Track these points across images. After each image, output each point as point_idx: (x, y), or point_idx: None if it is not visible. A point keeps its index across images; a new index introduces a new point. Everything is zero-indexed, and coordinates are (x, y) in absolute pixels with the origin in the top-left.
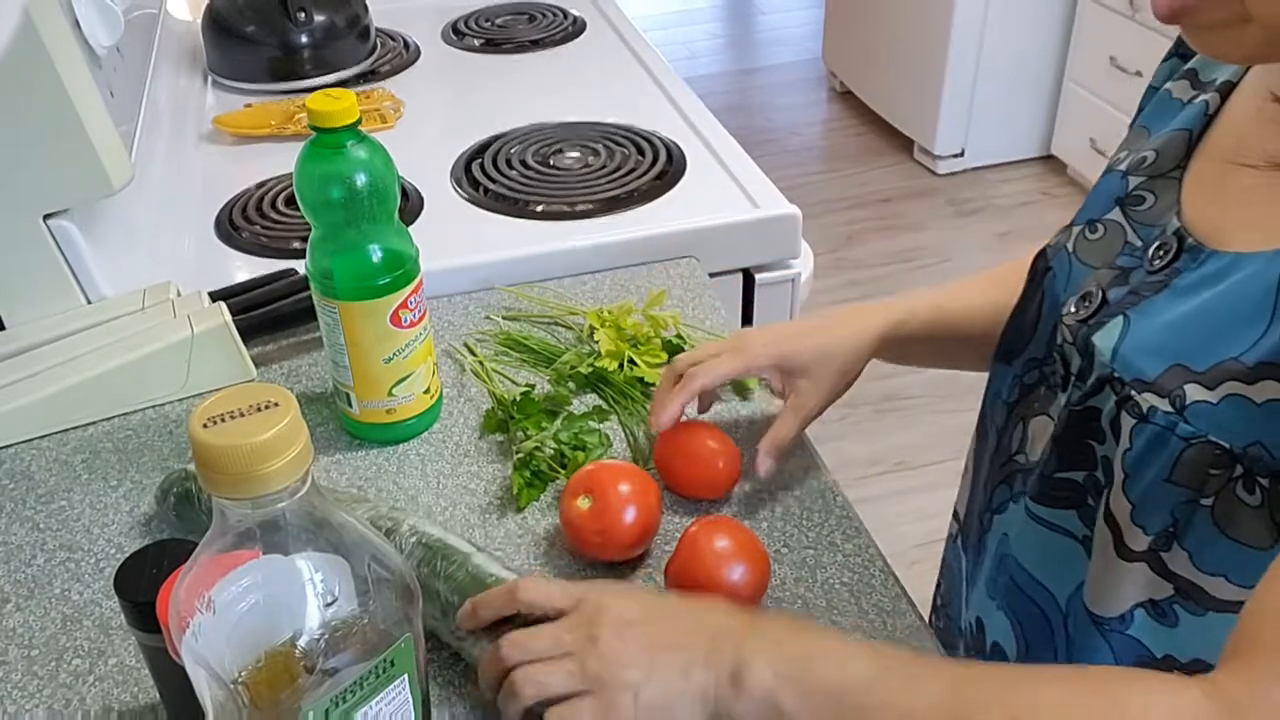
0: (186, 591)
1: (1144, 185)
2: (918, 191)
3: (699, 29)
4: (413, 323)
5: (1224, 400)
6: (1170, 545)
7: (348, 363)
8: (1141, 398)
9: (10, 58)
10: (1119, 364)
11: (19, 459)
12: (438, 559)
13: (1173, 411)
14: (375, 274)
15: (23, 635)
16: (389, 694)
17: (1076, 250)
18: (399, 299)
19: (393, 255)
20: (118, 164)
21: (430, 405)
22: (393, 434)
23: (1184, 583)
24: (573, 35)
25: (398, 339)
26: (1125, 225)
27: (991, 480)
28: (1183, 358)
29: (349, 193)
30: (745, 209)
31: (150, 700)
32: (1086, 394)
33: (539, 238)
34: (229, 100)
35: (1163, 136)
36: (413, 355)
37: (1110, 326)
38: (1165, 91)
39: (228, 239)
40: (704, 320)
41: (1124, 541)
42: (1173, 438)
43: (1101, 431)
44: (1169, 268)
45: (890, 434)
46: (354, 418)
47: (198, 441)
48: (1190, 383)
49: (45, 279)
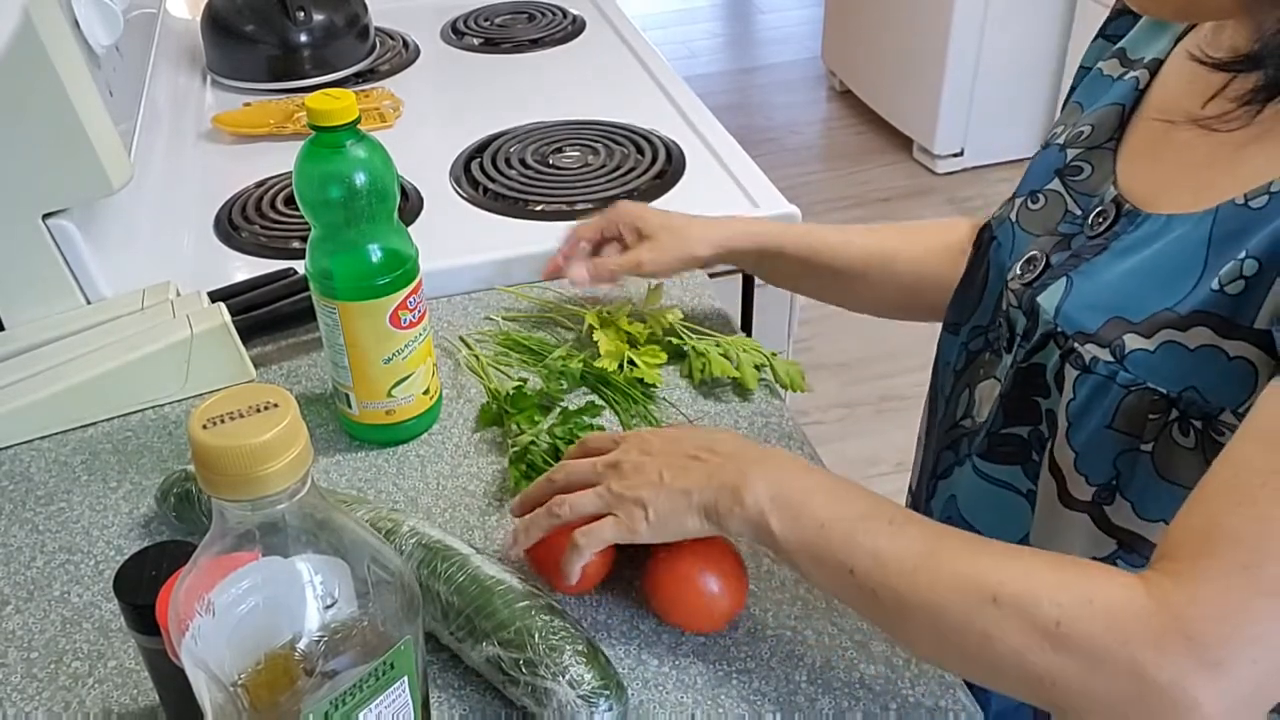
0: (186, 594)
1: (1081, 157)
2: (917, 190)
3: (698, 28)
4: (412, 323)
5: (1160, 348)
6: (1113, 498)
7: (347, 363)
8: (1084, 349)
9: (10, 58)
10: (1061, 320)
11: (18, 460)
12: (437, 560)
13: (1113, 361)
14: (374, 274)
15: (22, 638)
16: (389, 696)
17: (1020, 220)
18: (398, 299)
19: (392, 255)
20: (117, 163)
21: (429, 406)
22: (392, 435)
23: (1126, 535)
24: (572, 35)
25: (397, 340)
26: (1065, 195)
27: (938, 446)
28: (1121, 311)
29: (348, 192)
30: (745, 208)
31: (150, 703)
32: (1031, 351)
33: (539, 238)
34: (228, 99)
35: (1097, 111)
36: (412, 356)
37: (1054, 288)
38: (1096, 70)
39: (227, 239)
40: (704, 320)
41: (1068, 490)
42: (1114, 386)
43: (1046, 386)
44: (1109, 231)
45: (890, 434)
46: (353, 419)
47: (197, 442)
48: (1129, 333)
49: (44, 279)
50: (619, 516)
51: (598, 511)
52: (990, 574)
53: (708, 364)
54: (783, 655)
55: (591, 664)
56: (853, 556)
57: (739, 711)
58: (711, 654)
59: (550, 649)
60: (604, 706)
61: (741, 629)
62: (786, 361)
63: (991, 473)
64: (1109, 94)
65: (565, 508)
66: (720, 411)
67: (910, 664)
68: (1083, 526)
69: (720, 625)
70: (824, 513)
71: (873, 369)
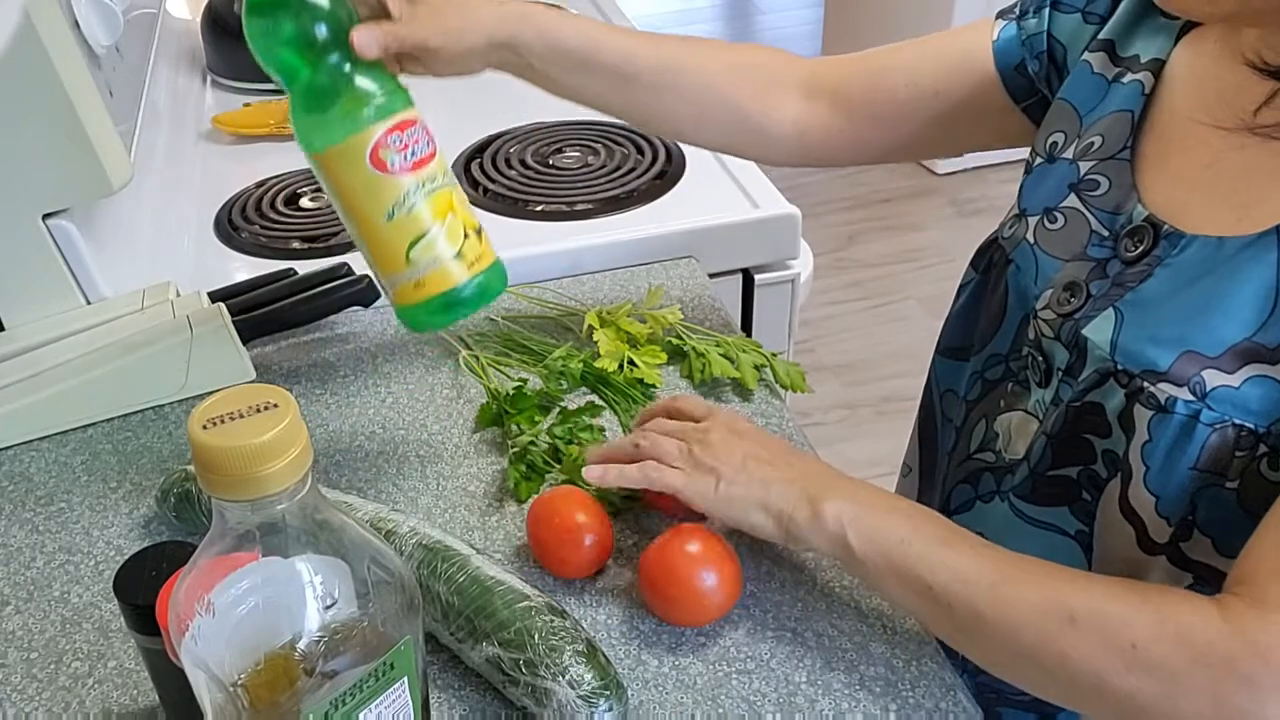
0: (186, 594)
1: (1095, 170)
2: (918, 191)
3: (699, 29)
4: (403, 167)
5: (1246, 383)
6: (1190, 534)
7: (357, 233)
8: (1157, 389)
9: (10, 58)
10: (1121, 356)
11: (18, 461)
12: (438, 561)
13: (1194, 399)
14: (341, 113)
15: (22, 638)
16: (389, 696)
17: (1039, 242)
18: (373, 135)
19: (357, 90)
20: (117, 164)
21: (475, 274)
22: (431, 316)
23: (1204, 569)
24: None
25: (391, 187)
26: (1085, 213)
27: (950, 480)
28: (1191, 344)
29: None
30: (745, 209)
31: (150, 703)
32: (1085, 389)
33: (539, 238)
34: (228, 100)
35: (1104, 119)
36: (421, 209)
37: (1101, 320)
38: (1085, 64)
39: (227, 239)
40: (704, 321)
41: (1149, 535)
42: (1198, 425)
43: (1105, 426)
44: (1148, 255)
45: (892, 435)
46: (397, 305)
47: (197, 443)
48: (1208, 369)
49: (44, 279)
50: (690, 476)
51: (673, 462)
52: (1068, 595)
53: (708, 364)
54: (783, 655)
55: (591, 664)
56: (931, 572)
57: (739, 711)
58: (711, 654)
59: (550, 649)
60: (604, 707)
61: (741, 629)
62: (787, 362)
63: (1034, 514)
64: (1111, 99)
65: (648, 441)
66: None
67: (910, 665)
68: (1161, 565)
69: (714, 618)
70: (903, 531)
71: (874, 370)
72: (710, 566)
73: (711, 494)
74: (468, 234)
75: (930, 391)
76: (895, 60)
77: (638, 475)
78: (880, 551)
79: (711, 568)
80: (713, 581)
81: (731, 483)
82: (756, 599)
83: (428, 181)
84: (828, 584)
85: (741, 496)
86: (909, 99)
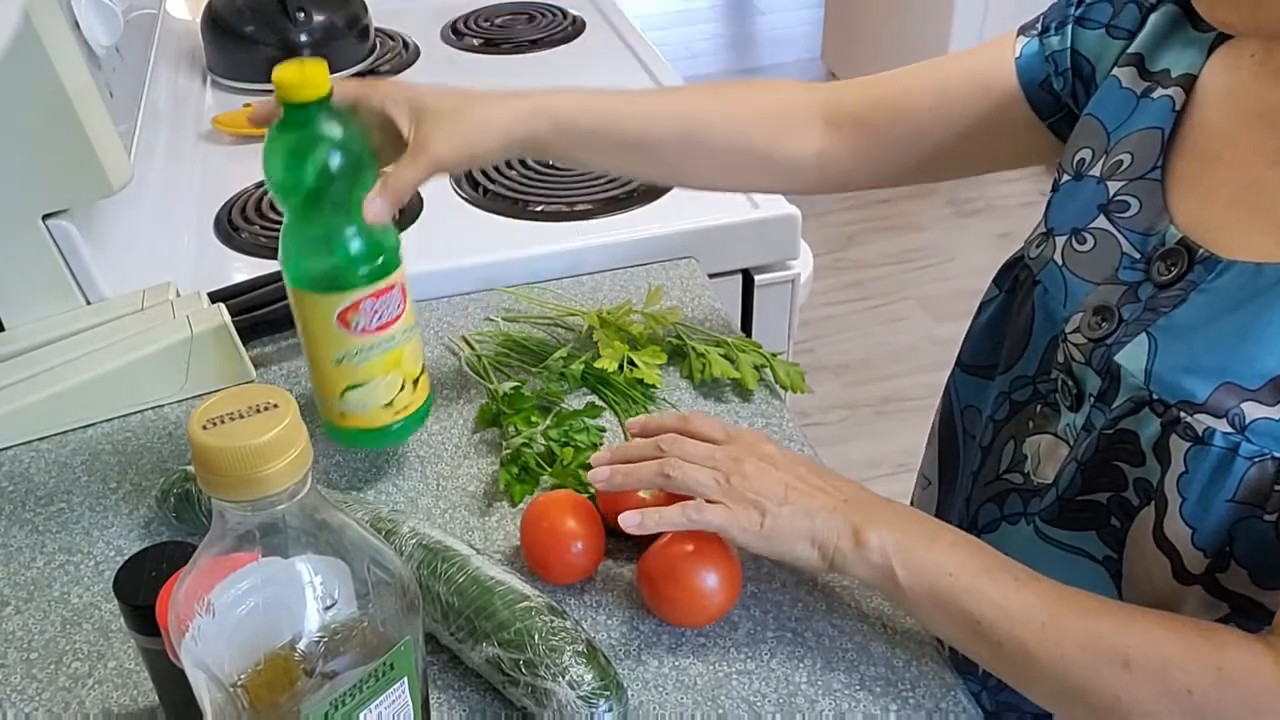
0: (186, 594)
1: (1125, 190)
2: (917, 192)
3: (699, 29)
4: (365, 329)
5: None
6: (1227, 565)
7: (306, 352)
8: (1194, 420)
9: (9, 58)
10: (1156, 385)
11: (18, 461)
12: (438, 561)
13: (1234, 431)
14: (325, 269)
15: (21, 638)
16: (389, 697)
17: (1067, 263)
18: (348, 300)
19: (346, 257)
20: (117, 164)
21: (390, 423)
22: (343, 439)
23: (1241, 600)
24: (572, 35)
25: (347, 342)
26: (1116, 235)
27: (976, 499)
28: (1230, 375)
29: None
30: (745, 209)
31: (149, 703)
32: (1118, 416)
33: (538, 238)
34: (228, 100)
35: (1132, 137)
36: (369, 364)
37: (1134, 346)
38: (1113, 79)
39: (227, 239)
40: (704, 321)
41: (1184, 566)
42: (1237, 458)
43: (1139, 454)
44: (1182, 280)
45: (892, 436)
46: (321, 418)
47: (197, 443)
48: (1248, 401)
49: (44, 280)
50: (733, 511)
51: (709, 496)
52: (1118, 635)
53: (708, 364)
54: (783, 656)
55: (591, 664)
56: (979, 607)
57: (739, 712)
58: (711, 654)
59: (550, 650)
60: (604, 707)
61: (741, 629)
62: (787, 362)
63: (1060, 538)
64: (1141, 115)
65: (679, 473)
66: (720, 412)
67: (910, 666)
68: (1196, 595)
69: (714, 618)
70: (949, 563)
71: (874, 370)
72: (710, 566)
73: (757, 530)
74: (404, 386)
75: (950, 405)
76: (916, 81)
77: (680, 518)
78: (926, 585)
79: (711, 568)
80: (713, 581)
81: (777, 516)
82: (756, 599)
83: (384, 342)
84: (828, 584)
85: (786, 530)
86: (933, 121)
